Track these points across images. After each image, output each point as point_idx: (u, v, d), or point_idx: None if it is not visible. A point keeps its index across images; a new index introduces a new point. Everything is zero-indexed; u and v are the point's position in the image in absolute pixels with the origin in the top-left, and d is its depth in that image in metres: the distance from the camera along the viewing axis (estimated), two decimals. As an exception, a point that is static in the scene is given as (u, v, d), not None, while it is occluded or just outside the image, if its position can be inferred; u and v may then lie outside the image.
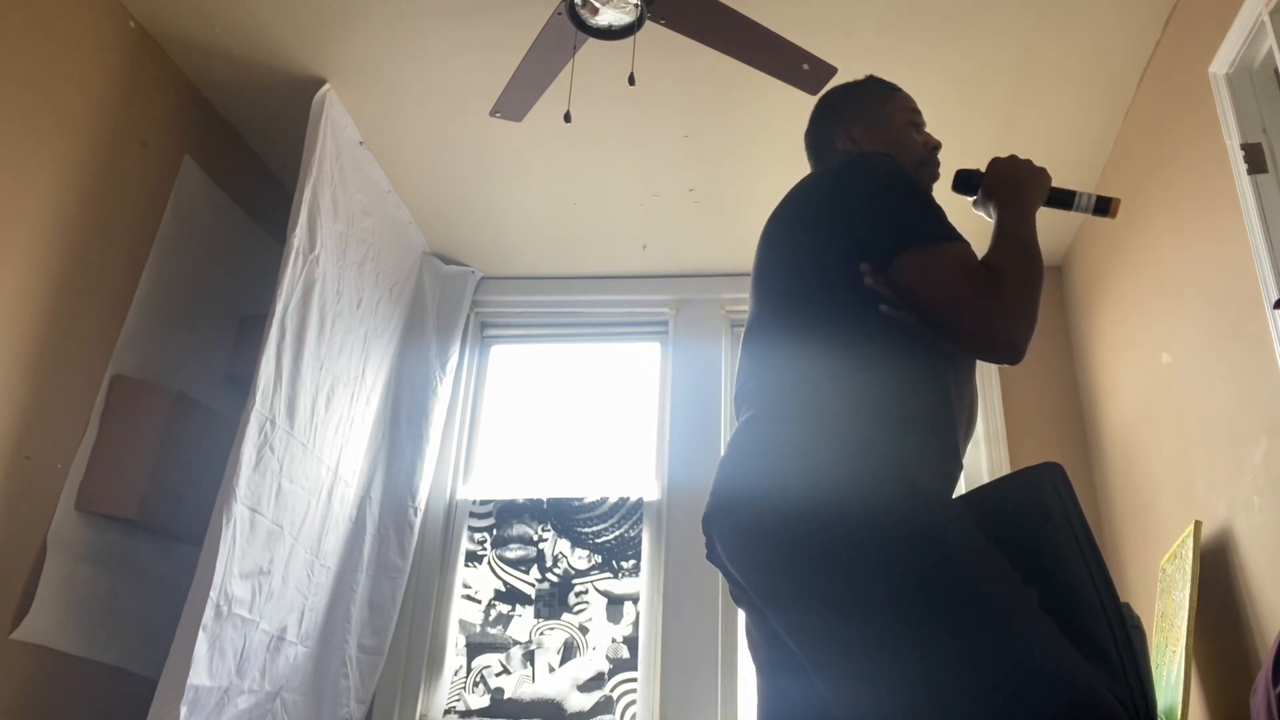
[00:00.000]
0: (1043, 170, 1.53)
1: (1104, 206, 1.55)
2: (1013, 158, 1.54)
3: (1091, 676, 1.09)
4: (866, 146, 1.63)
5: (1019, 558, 1.21)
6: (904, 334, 1.37)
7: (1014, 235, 1.42)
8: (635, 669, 3.41)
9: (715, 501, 1.35)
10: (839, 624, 1.18)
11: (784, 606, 1.25)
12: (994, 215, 1.49)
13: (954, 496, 1.37)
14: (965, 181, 1.58)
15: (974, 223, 1.59)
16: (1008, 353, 1.31)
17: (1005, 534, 1.25)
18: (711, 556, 1.41)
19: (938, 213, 1.42)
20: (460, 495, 3.74)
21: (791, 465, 1.28)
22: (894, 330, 1.36)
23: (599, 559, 3.60)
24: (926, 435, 1.34)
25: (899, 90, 1.72)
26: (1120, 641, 1.19)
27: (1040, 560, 1.25)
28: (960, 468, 1.42)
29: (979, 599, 1.14)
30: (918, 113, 1.70)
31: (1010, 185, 1.50)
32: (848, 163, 1.53)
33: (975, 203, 1.57)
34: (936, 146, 1.67)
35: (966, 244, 1.39)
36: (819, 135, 1.74)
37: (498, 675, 3.46)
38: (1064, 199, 1.56)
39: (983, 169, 1.57)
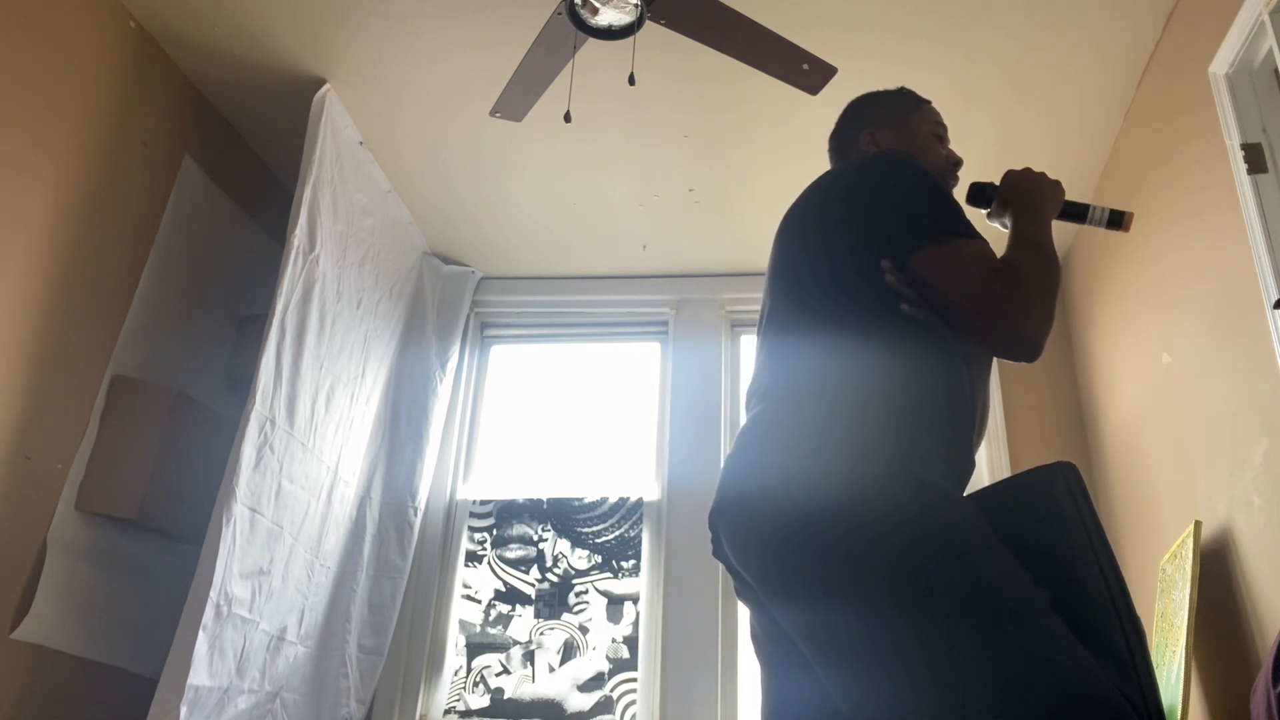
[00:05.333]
0: (1057, 183, 1.54)
1: (1117, 220, 1.55)
2: (1027, 170, 1.55)
3: (1100, 675, 1.09)
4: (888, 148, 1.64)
5: (1031, 556, 1.21)
6: (920, 331, 1.37)
7: (1031, 238, 1.43)
8: (635, 669, 3.41)
9: (722, 496, 1.35)
10: (845, 621, 1.18)
11: (790, 603, 1.25)
12: (1009, 224, 1.50)
13: (967, 495, 1.37)
14: (979, 193, 1.58)
15: (990, 235, 1.59)
16: (1026, 349, 1.31)
17: (1017, 532, 1.25)
18: (717, 552, 1.41)
19: (957, 210, 1.42)
20: (460, 495, 3.74)
21: (800, 460, 1.28)
22: (910, 327, 1.36)
23: (599, 559, 3.60)
24: (939, 433, 1.34)
25: (928, 103, 1.74)
26: (1132, 640, 1.19)
27: (1052, 559, 1.25)
28: (973, 466, 1.42)
29: (987, 597, 1.14)
30: (943, 127, 1.71)
31: (1025, 195, 1.51)
32: (868, 159, 1.53)
33: (989, 214, 1.57)
34: (958, 163, 1.69)
35: (986, 242, 1.40)
36: (843, 136, 1.75)
37: (498, 675, 3.46)
38: (1077, 212, 1.56)
39: (996, 181, 1.57)
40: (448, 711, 3.41)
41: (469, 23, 2.79)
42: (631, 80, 2.34)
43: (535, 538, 3.66)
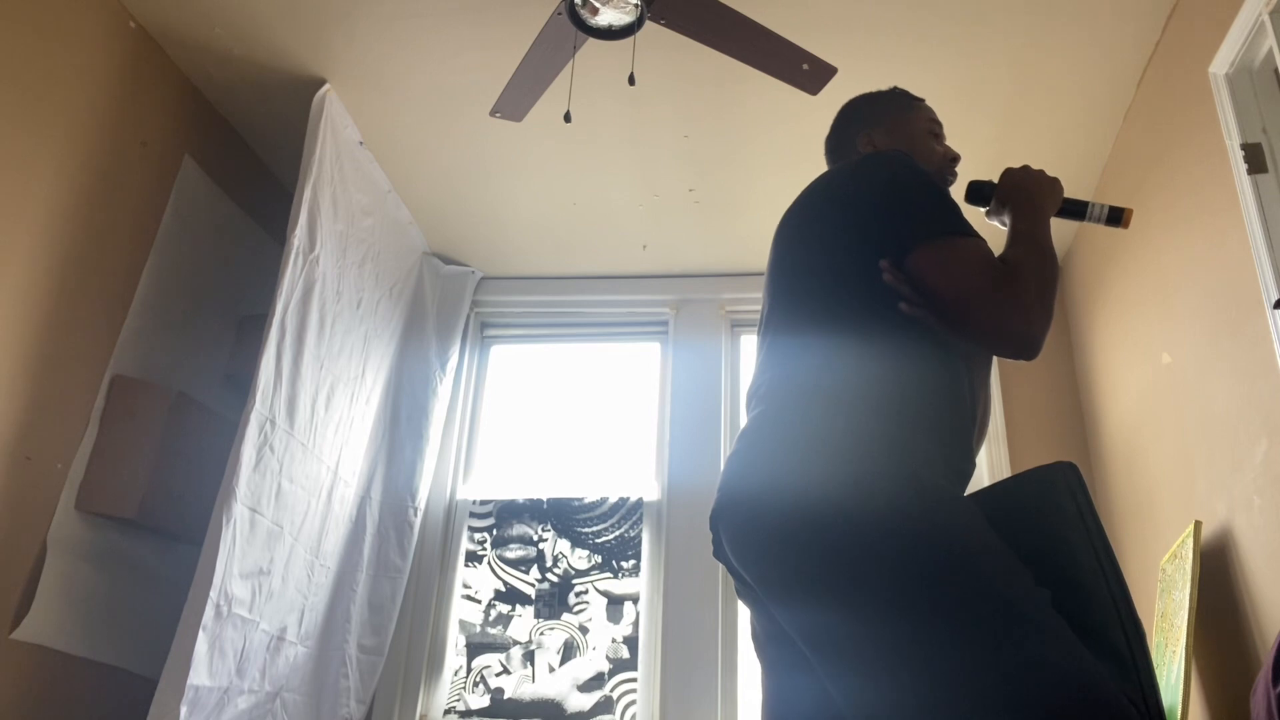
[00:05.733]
0: (1056, 180, 1.54)
1: (1116, 217, 1.55)
2: (1026, 168, 1.55)
3: (1101, 675, 1.09)
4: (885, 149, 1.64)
5: (1032, 556, 1.21)
6: (919, 332, 1.37)
7: (1029, 235, 1.43)
8: (635, 669, 3.41)
9: (722, 498, 1.35)
10: (845, 621, 1.18)
11: (791, 604, 1.25)
12: (1008, 222, 1.50)
13: (967, 494, 1.37)
14: (978, 192, 1.58)
15: (989, 234, 1.59)
16: (1024, 347, 1.31)
17: (1018, 532, 1.25)
18: (718, 553, 1.41)
19: (954, 208, 1.42)
20: (460, 495, 3.74)
21: (800, 461, 1.28)
22: (909, 328, 1.36)
23: (599, 559, 3.60)
24: (939, 433, 1.34)
25: (922, 101, 1.74)
26: (1133, 640, 1.19)
27: (1053, 559, 1.25)
28: (973, 467, 1.41)
29: (987, 597, 1.14)
30: (939, 124, 1.71)
31: (1024, 193, 1.51)
32: (863, 159, 1.53)
33: (988, 213, 1.57)
34: (955, 159, 1.69)
35: (983, 240, 1.40)
36: (840, 138, 1.75)
37: (498, 675, 3.46)
38: (1076, 209, 1.56)
39: (995, 180, 1.57)
40: (448, 711, 3.41)
41: (469, 23, 2.79)
42: (631, 80, 2.34)
43: (535, 538, 3.66)
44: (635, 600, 3.52)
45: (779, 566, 1.25)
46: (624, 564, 3.58)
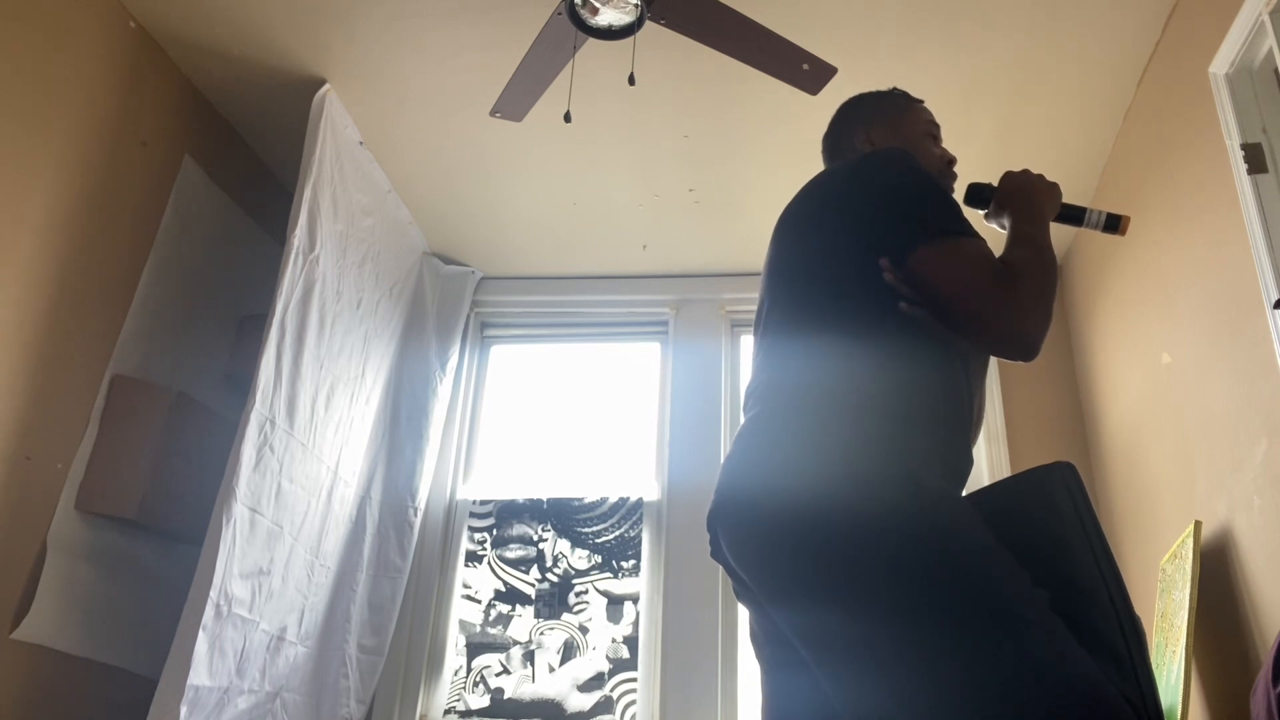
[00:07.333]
0: (1055, 185, 1.55)
1: (1114, 224, 1.55)
2: (1025, 171, 1.55)
3: (1098, 677, 1.09)
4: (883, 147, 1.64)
5: (1029, 556, 1.21)
6: (916, 331, 1.37)
7: (1029, 237, 1.43)
8: (635, 669, 3.41)
9: (720, 498, 1.35)
10: (842, 622, 1.18)
11: (788, 604, 1.25)
12: (1007, 225, 1.50)
13: (965, 495, 1.37)
14: (977, 194, 1.58)
15: (988, 237, 1.59)
16: (1023, 348, 1.31)
17: (1015, 533, 1.25)
18: (716, 554, 1.41)
19: (954, 208, 1.42)
20: (460, 495, 3.74)
21: (797, 462, 1.28)
22: (906, 327, 1.36)
23: (599, 559, 3.60)
24: (936, 433, 1.34)
25: (920, 103, 1.74)
26: (1131, 641, 1.19)
27: (1051, 559, 1.25)
28: (970, 465, 1.41)
29: (984, 598, 1.14)
30: (937, 126, 1.71)
31: (1023, 196, 1.51)
32: (863, 158, 1.53)
33: (987, 215, 1.58)
34: (952, 161, 1.69)
35: (983, 241, 1.40)
36: (837, 135, 1.75)
37: (498, 675, 3.46)
38: (1074, 215, 1.57)
39: (994, 183, 1.58)
40: (448, 711, 3.41)
41: (469, 23, 2.79)
42: (631, 80, 2.34)
43: (535, 538, 3.66)
44: (635, 600, 3.52)
45: (776, 567, 1.25)
46: (624, 564, 3.58)
